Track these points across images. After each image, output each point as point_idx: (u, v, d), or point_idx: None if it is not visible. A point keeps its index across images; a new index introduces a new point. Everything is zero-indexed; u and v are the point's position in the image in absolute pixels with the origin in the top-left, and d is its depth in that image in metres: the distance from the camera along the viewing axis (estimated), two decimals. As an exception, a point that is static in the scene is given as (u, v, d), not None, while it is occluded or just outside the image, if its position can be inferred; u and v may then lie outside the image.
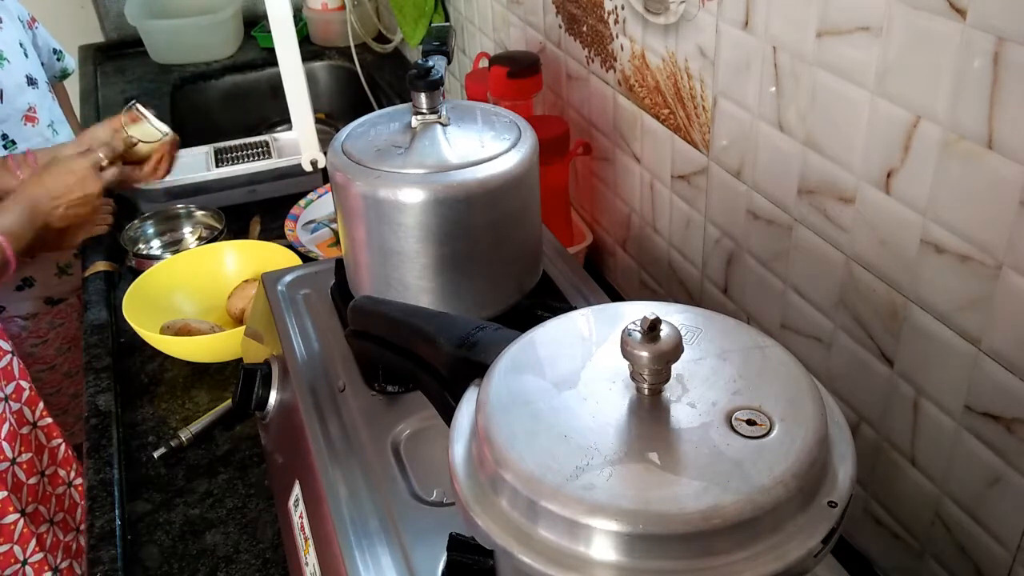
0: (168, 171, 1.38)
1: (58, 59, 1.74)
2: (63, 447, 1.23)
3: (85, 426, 1.04)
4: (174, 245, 1.42)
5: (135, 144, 1.33)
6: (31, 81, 1.53)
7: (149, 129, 1.35)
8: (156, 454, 1.00)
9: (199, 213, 1.43)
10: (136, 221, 1.39)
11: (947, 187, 0.62)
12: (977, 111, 0.58)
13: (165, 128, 1.35)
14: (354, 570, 0.59)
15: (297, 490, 0.73)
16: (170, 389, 1.11)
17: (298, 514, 0.72)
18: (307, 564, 0.69)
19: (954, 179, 0.62)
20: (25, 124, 1.51)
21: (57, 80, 1.77)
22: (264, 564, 0.86)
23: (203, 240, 1.39)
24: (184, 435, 1.01)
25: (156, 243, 1.41)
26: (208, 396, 1.09)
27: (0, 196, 1.21)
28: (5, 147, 1.48)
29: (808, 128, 0.75)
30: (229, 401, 1.06)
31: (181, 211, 1.43)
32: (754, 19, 0.78)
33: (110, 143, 1.29)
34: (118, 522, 0.90)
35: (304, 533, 0.70)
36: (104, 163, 1.26)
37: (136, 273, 1.26)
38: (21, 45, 1.54)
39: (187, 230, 1.44)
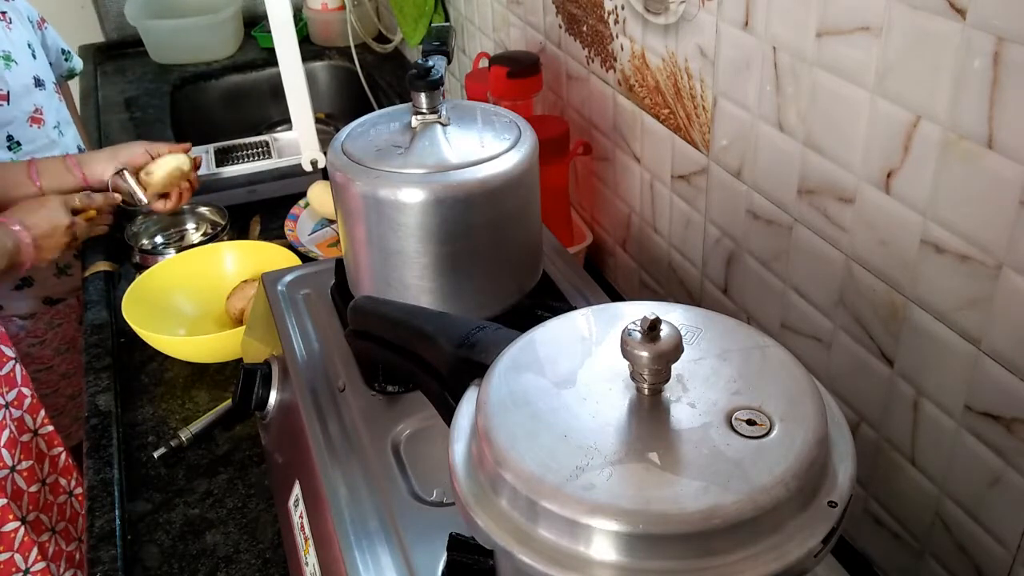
0: (186, 201, 1.38)
1: (66, 59, 1.74)
2: (64, 456, 1.23)
3: (85, 426, 1.04)
4: (178, 241, 1.42)
5: (115, 203, 1.33)
6: (38, 83, 1.53)
7: (133, 192, 1.34)
8: (156, 454, 1.00)
9: (202, 209, 1.43)
10: (140, 217, 1.39)
11: (947, 187, 0.62)
12: (977, 111, 0.58)
13: (142, 197, 1.33)
14: (354, 570, 0.59)
15: (297, 490, 0.73)
16: (170, 389, 1.11)
17: (298, 514, 0.72)
18: (307, 564, 0.69)
19: (954, 179, 0.62)
20: (31, 126, 1.51)
21: (64, 79, 1.77)
22: (264, 564, 0.86)
23: (207, 236, 1.39)
24: (184, 435, 1.01)
25: (160, 239, 1.42)
26: (208, 396, 1.09)
27: (17, 203, 1.25)
28: (10, 148, 1.47)
29: (808, 128, 0.75)
30: (229, 401, 1.06)
31: (184, 207, 1.43)
32: (754, 19, 0.78)
33: (90, 196, 1.31)
34: (118, 522, 0.90)
35: (304, 533, 0.70)
36: (77, 205, 1.27)
37: (140, 269, 1.26)
38: (30, 46, 1.54)
39: (190, 226, 1.44)
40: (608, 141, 1.13)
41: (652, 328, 0.44)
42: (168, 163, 1.33)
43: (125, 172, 1.32)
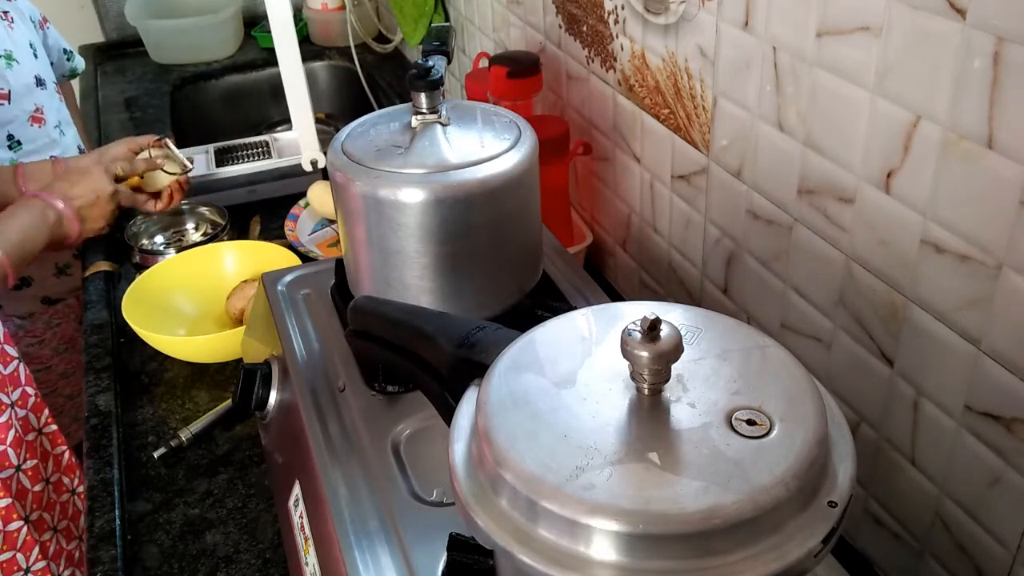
0: (177, 202, 1.39)
1: (68, 59, 1.74)
2: (67, 454, 1.23)
3: (85, 426, 1.04)
4: (178, 241, 1.42)
5: (157, 168, 1.34)
6: (39, 82, 1.53)
7: (174, 160, 1.35)
8: (156, 454, 1.00)
9: (202, 209, 1.43)
10: (139, 217, 1.39)
11: (947, 187, 0.62)
12: (977, 111, 0.58)
13: (188, 164, 1.36)
14: (354, 570, 0.59)
15: (297, 490, 0.73)
16: (170, 389, 1.11)
17: (298, 514, 0.72)
18: (307, 564, 0.69)
19: (954, 179, 0.62)
20: (32, 125, 1.51)
21: (66, 79, 1.77)
22: (264, 564, 0.86)
23: (207, 236, 1.39)
24: (184, 435, 1.01)
25: (160, 239, 1.42)
26: (208, 396, 1.09)
27: (1, 206, 1.24)
28: (11, 147, 1.48)
29: (808, 128, 0.75)
30: (229, 401, 1.06)
31: (184, 207, 1.43)
32: (754, 19, 0.78)
33: (128, 160, 1.32)
34: (118, 522, 0.90)
35: (304, 533, 0.70)
36: (119, 173, 1.28)
37: (140, 269, 1.26)
38: (31, 45, 1.54)
39: (190, 226, 1.44)
40: (608, 141, 1.13)
41: (652, 328, 0.44)
42: (160, 177, 1.34)
43: (166, 140, 1.35)
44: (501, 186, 0.75)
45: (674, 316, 0.51)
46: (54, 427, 1.21)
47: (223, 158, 1.52)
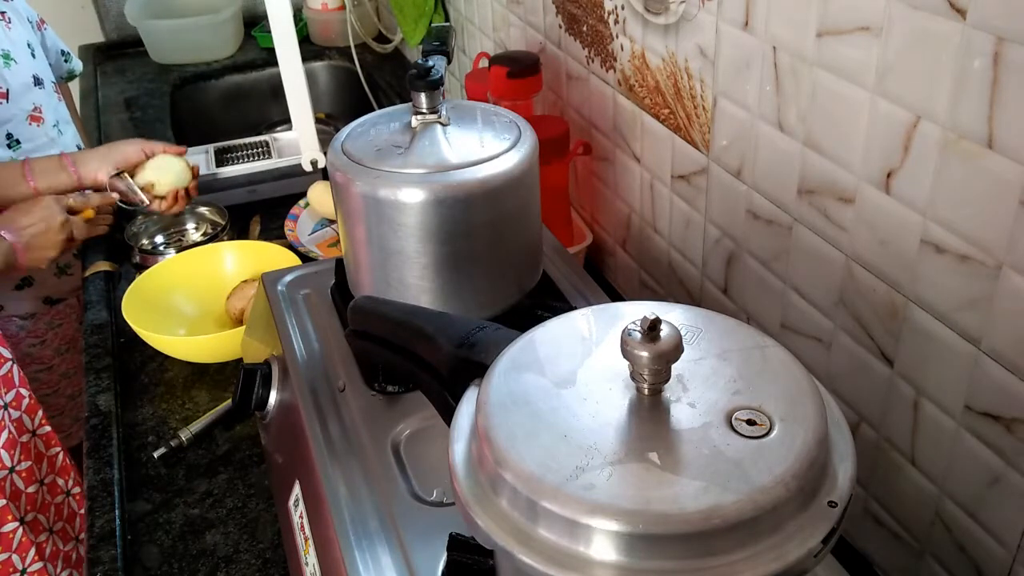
0: (182, 208, 1.38)
1: (65, 60, 1.74)
2: (61, 455, 1.23)
3: (85, 426, 1.04)
4: (178, 241, 1.42)
5: (112, 203, 1.34)
6: (38, 81, 1.53)
7: (134, 193, 1.34)
8: (156, 454, 1.00)
9: (202, 209, 1.43)
10: (140, 217, 1.39)
11: (947, 187, 0.62)
12: (977, 111, 0.58)
13: (145, 200, 1.33)
14: (354, 570, 0.59)
15: (297, 490, 0.73)
16: (170, 389, 1.11)
17: (298, 514, 0.72)
18: (307, 564, 0.69)
19: (954, 179, 0.62)
20: (30, 124, 1.51)
21: (64, 81, 1.77)
22: (264, 564, 0.86)
23: (207, 236, 1.39)
24: (184, 435, 1.01)
25: (160, 239, 1.42)
26: (208, 396, 1.09)
27: (13, 202, 1.26)
28: (10, 146, 1.48)
29: (808, 128, 0.75)
30: (229, 401, 1.06)
31: (184, 207, 1.43)
32: (754, 19, 0.78)
33: (86, 195, 1.32)
34: (118, 522, 0.90)
35: (304, 533, 0.70)
36: (72, 204, 1.29)
37: (140, 268, 1.26)
38: (29, 46, 1.54)
39: (190, 226, 1.44)
40: (608, 141, 1.13)
41: (652, 328, 0.44)
42: (171, 181, 1.34)
43: (125, 174, 1.33)
44: (501, 186, 0.75)
45: (674, 316, 0.51)
46: (48, 429, 1.21)
47: (223, 158, 1.52)
